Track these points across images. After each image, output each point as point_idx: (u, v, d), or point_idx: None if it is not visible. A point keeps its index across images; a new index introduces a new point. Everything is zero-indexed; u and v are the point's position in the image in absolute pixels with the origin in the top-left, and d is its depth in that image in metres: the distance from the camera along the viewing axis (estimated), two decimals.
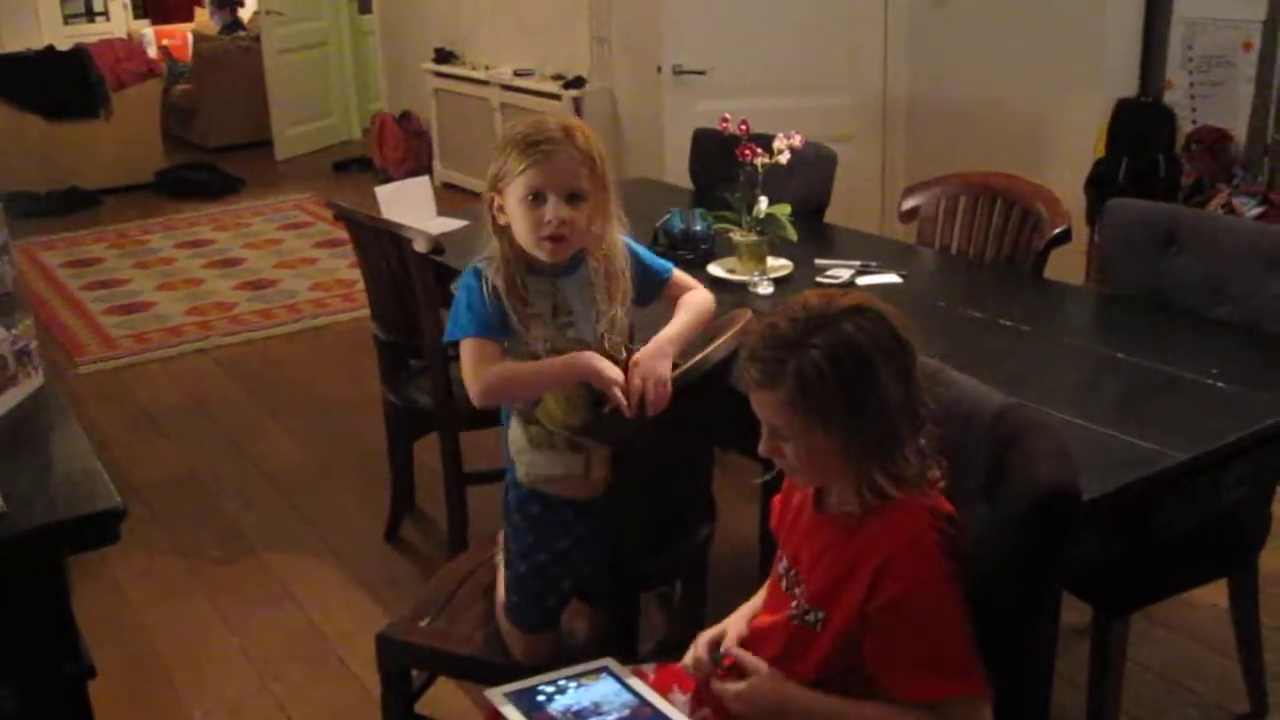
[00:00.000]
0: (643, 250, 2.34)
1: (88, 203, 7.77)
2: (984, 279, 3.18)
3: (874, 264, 3.13)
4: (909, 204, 3.47)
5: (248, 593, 3.48)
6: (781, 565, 1.90)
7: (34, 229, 7.24)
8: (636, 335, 2.28)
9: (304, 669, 3.12)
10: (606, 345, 2.20)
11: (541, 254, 2.14)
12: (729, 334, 2.23)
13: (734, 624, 1.94)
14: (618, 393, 2.09)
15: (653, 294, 2.34)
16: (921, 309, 2.88)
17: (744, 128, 3.08)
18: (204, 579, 3.56)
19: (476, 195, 2.47)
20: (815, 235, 3.43)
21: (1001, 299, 2.93)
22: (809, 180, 3.60)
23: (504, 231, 2.16)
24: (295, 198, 7.81)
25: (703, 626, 2.45)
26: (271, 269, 6.41)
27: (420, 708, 2.44)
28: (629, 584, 2.25)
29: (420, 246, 3.12)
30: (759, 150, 3.05)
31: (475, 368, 2.14)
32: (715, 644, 1.90)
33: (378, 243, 3.28)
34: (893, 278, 3.06)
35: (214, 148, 9.08)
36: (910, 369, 1.73)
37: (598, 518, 2.26)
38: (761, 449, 1.79)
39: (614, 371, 2.11)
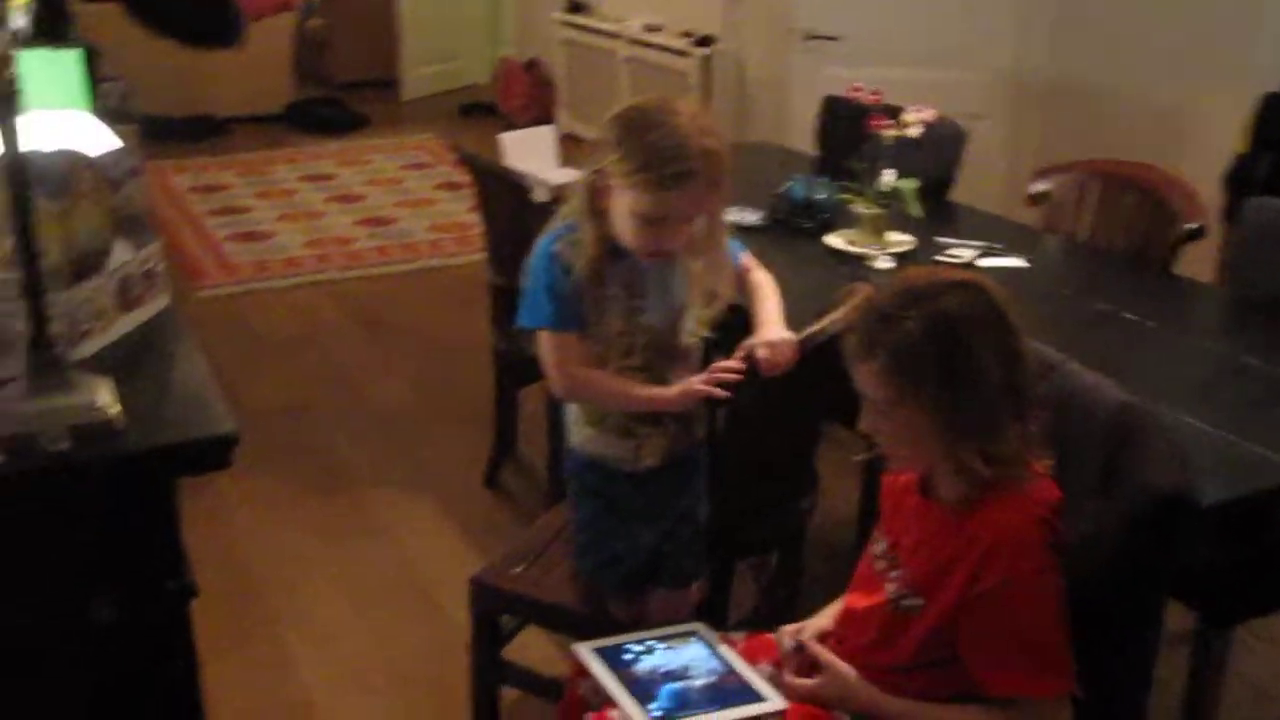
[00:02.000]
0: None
1: (218, 130, 7.91)
2: (1111, 270, 3.09)
3: (998, 246, 3.06)
4: (1038, 187, 3.38)
5: (348, 526, 3.54)
6: (879, 547, 1.88)
7: (166, 152, 7.38)
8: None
9: (396, 605, 3.17)
10: (680, 334, 2.17)
11: (637, 255, 2.09)
12: (847, 306, 2.19)
13: (817, 619, 1.92)
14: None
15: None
16: (1045, 296, 2.81)
17: (876, 98, 3.03)
18: (307, 509, 3.63)
19: None
20: (939, 213, 3.36)
21: (1128, 292, 2.85)
22: (937, 156, 3.52)
23: (600, 216, 2.07)
24: (419, 138, 7.87)
25: (796, 599, 2.46)
26: (391, 207, 6.47)
27: (508, 654, 2.46)
28: (724, 550, 2.23)
29: (540, 196, 3.14)
30: (889, 121, 2.99)
31: (559, 363, 2.12)
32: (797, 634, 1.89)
33: (498, 189, 3.30)
34: (1018, 261, 2.99)
35: (342, 84, 9.16)
36: (1013, 349, 1.69)
37: (658, 490, 2.22)
38: (861, 424, 1.76)
39: (694, 396, 2.07)
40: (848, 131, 3.40)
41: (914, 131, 2.99)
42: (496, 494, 3.73)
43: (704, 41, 6.46)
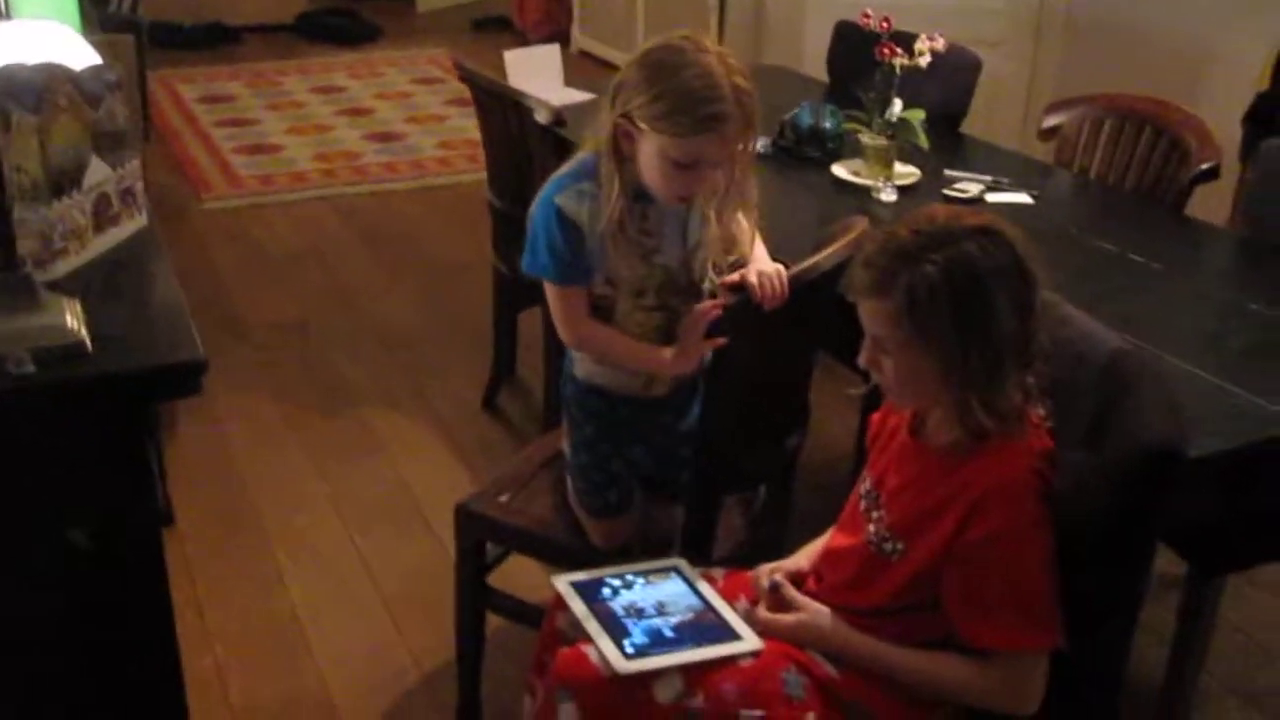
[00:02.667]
0: None
1: (229, 39, 7.82)
2: (1121, 209, 3.03)
3: (1006, 181, 3.00)
4: (1050, 122, 3.31)
5: (343, 445, 3.54)
6: (864, 486, 1.85)
7: (175, 60, 7.33)
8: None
9: (390, 526, 3.17)
10: (693, 274, 2.13)
11: (663, 201, 2.04)
12: (842, 241, 2.16)
13: (794, 559, 1.90)
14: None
15: None
16: (1049, 234, 2.75)
17: (885, 25, 2.95)
18: (303, 427, 3.62)
19: (613, 67, 2.33)
20: (949, 145, 3.29)
21: (1136, 232, 2.79)
22: (948, 86, 3.44)
23: (626, 163, 2.00)
24: (431, 52, 7.77)
25: (784, 534, 2.44)
26: (401, 122, 6.40)
27: (493, 580, 2.45)
28: (711, 485, 2.21)
29: (541, 117, 3.08)
30: (898, 50, 2.92)
31: (566, 318, 2.10)
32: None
33: (499, 108, 3.24)
34: (1023, 197, 2.93)
35: None
36: (1029, 302, 1.65)
37: (661, 414, 2.22)
38: (862, 359, 1.73)
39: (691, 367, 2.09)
40: (859, 58, 3.31)
41: (924, 60, 2.91)
42: (494, 416, 3.71)
43: None
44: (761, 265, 2.10)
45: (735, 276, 2.08)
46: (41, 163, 1.82)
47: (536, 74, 3.57)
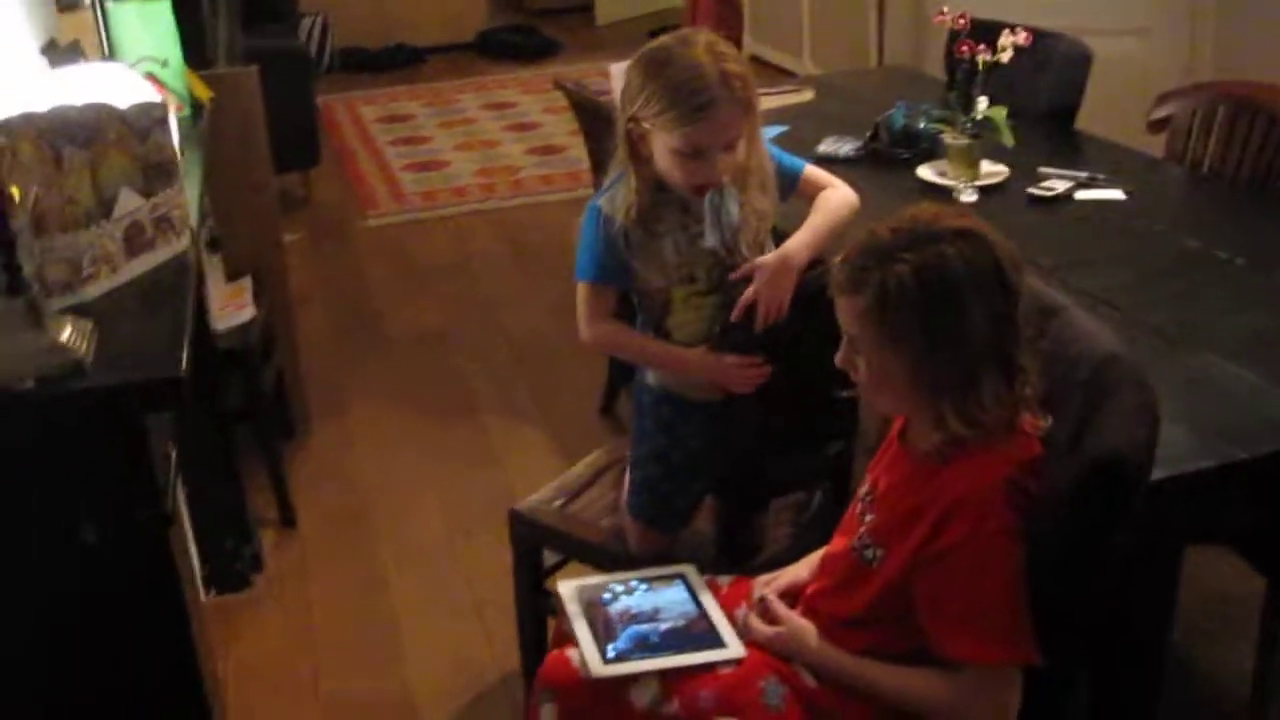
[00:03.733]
0: (775, 150, 2.24)
1: (413, 59, 8.14)
2: (1223, 202, 2.88)
3: (1101, 177, 2.89)
4: (1160, 113, 3.17)
5: (460, 452, 3.67)
6: (862, 490, 1.84)
7: (362, 83, 7.68)
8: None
9: (491, 533, 3.24)
10: (739, 252, 2.15)
11: (687, 194, 2.09)
12: (876, 226, 2.13)
13: (794, 569, 1.90)
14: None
15: (786, 190, 2.25)
16: (1134, 231, 2.65)
17: (963, 22, 2.89)
18: (425, 435, 3.77)
19: (786, 73, 2.35)
20: (1054, 142, 3.19)
21: (1232, 228, 2.65)
22: (1058, 80, 3.35)
23: (644, 162, 2.08)
24: (605, 65, 7.88)
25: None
26: (565, 135, 6.53)
27: (551, 585, 2.51)
28: (744, 489, 2.22)
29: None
30: (979, 46, 2.86)
31: (589, 315, 2.17)
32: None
33: (595, 122, 3.30)
34: (1116, 193, 2.82)
35: (538, 10, 9.28)
36: (1006, 309, 1.61)
37: (734, 418, 2.24)
38: (838, 358, 1.72)
39: (718, 374, 2.12)
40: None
41: (1006, 56, 2.84)
42: (609, 422, 3.78)
43: None
44: (763, 261, 2.11)
45: (739, 309, 2.10)
46: (94, 194, 1.98)
47: None
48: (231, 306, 3.26)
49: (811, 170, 2.26)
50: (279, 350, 3.60)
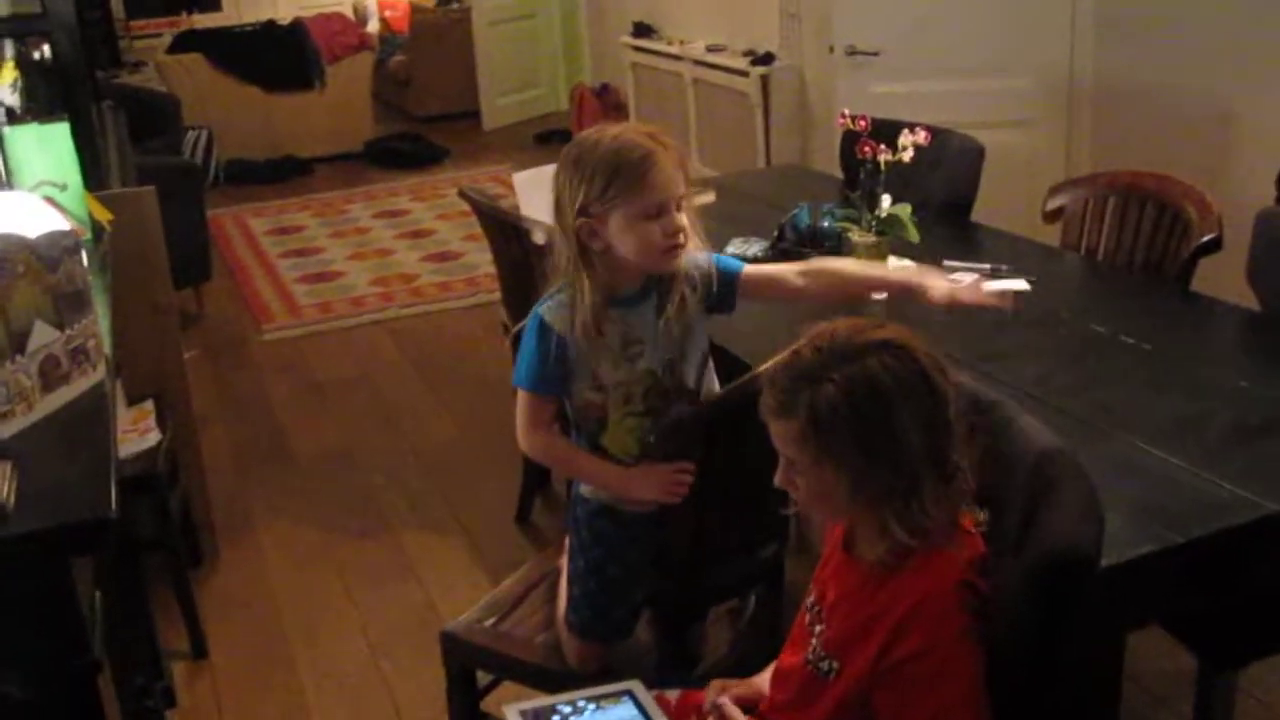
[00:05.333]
0: (716, 255, 2.25)
1: (300, 171, 8.11)
2: (1122, 289, 2.97)
3: (1005, 268, 2.96)
4: (1054, 204, 3.27)
5: (375, 568, 3.58)
6: (809, 600, 1.83)
7: (249, 196, 7.62)
8: (741, 339, 2.28)
9: (415, 649, 3.19)
10: (672, 376, 2.15)
11: (660, 267, 2.06)
12: (790, 349, 2.14)
13: (752, 680, 1.88)
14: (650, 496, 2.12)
15: (731, 297, 2.25)
16: (1041, 319, 2.71)
17: (863, 123, 2.96)
18: (338, 552, 3.68)
19: None
20: (952, 235, 3.27)
21: (1133, 313, 2.74)
22: (952, 175, 3.45)
23: (598, 258, 2.04)
24: (494, 169, 7.96)
25: (775, 645, 2.40)
26: (459, 241, 6.55)
27: (487, 706, 2.45)
28: (682, 598, 2.20)
29: (538, 238, 3.12)
30: (881, 146, 2.92)
31: (527, 425, 2.15)
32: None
33: (500, 230, 3.30)
34: (1020, 283, 2.89)
35: (425, 117, 9.34)
36: (937, 416, 1.62)
37: (670, 529, 2.21)
38: (776, 479, 1.71)
39: (653, 492, 2.11)
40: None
41: (907, 155, 2.91)
42: (526, 531, 3.74)
43: (764, 59, 6.41)
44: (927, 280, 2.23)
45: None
46: (4, 328, 1.91)
47: (546, 194, 3.61)
48: (135, 432, 3.16)
49: (749, 268, 2.26)
50: (184, 474, 3.50)
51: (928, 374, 1.61)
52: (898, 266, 2.97)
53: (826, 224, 3.18)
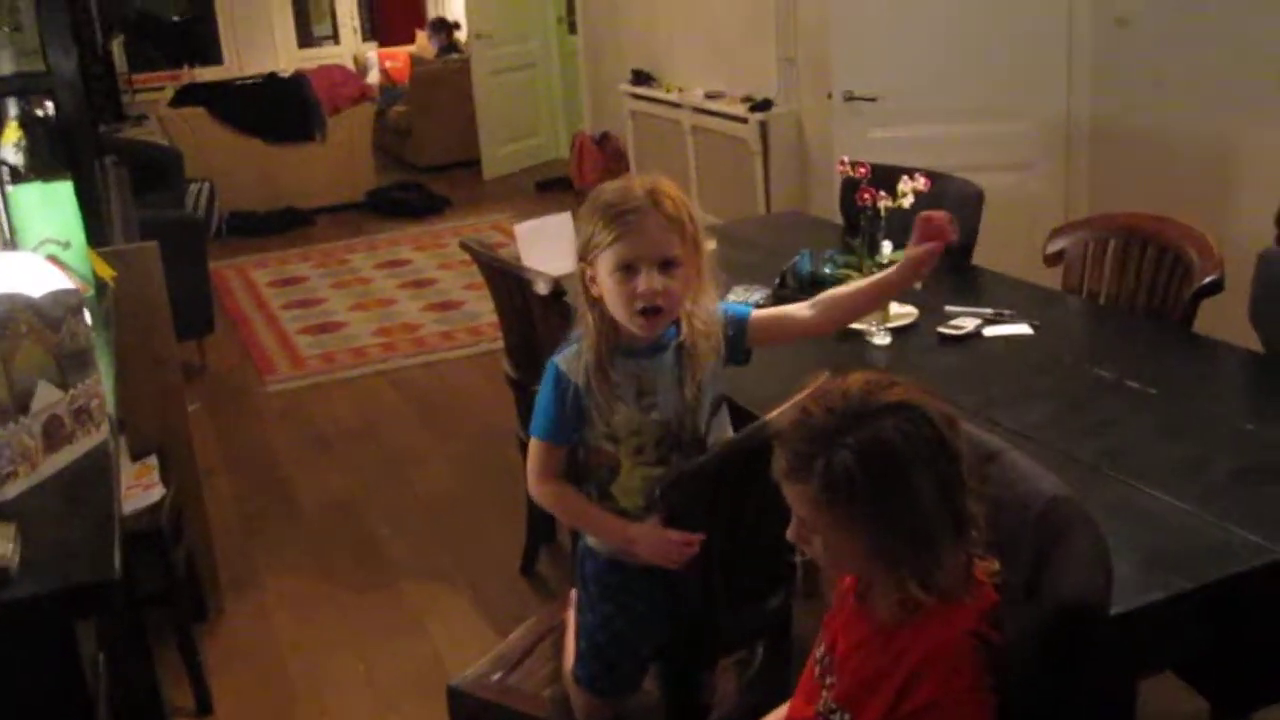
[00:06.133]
0: (728, 305, 2.25)
1: (302, 222, 8.14)
2: (1125, 332, 2.97)
3: (1007, 313, 2.97)
4: (1054, 247, 3.28)
5: (380, 620, 3.57)
6: (819, 650, 1.81)
7: (250, 247, 7.64)
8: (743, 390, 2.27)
9: (420, 701, 3.17)
10: (684, 427, 2.14)
11: (636, 328, 2.06)
12: (801, 396, 2.14)
13: None
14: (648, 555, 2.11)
15: (743, 347, 2.26)
16: (1045, 365, 2.71)
17: (863, 170, 2.97)
18: (342, 603, 3.66)
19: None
20: (954, 280, 3.27)
21: (1137, 356, 2.73)
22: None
23: (597, 304, 2.08)
24: (495, 218, 7.99)
25: (784, 695, 2.39)
26: (460, 290, 6.56)
27: None
28: (691, 650, 2.19)
29: (540, 289, 3.13)
30: (880, 193, 2.94)
31: (537, 472, 2.17)
32: None
33: (504, 282, 3.31)
34: (1023, 328, 2.89)
35: (426, 167, 9.38)
36: (952, 475, 1.60)
37: (679, 582, 2.20)
38: (790, 534, 1.70)
39: (656, 558, 2.11)
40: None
41: (907, 202, 2.92)
42: (531, 582, 3.72)
43: (762, 106, 6.45)
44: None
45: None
46: (8, 388, 1.91)
47: (548, 244, 3.64)
48: (138, 487, 3.15)
49: (759, 311, 2.27)
50: (188, 527, 3.49)
51: (941, 434, 1.60)
52: (901, 313, 2.98)
53: (828, 270, 3.19)
